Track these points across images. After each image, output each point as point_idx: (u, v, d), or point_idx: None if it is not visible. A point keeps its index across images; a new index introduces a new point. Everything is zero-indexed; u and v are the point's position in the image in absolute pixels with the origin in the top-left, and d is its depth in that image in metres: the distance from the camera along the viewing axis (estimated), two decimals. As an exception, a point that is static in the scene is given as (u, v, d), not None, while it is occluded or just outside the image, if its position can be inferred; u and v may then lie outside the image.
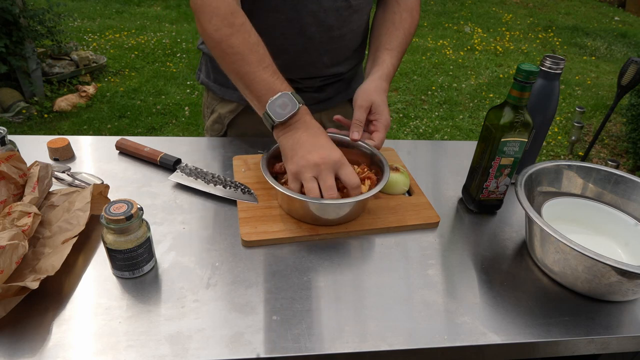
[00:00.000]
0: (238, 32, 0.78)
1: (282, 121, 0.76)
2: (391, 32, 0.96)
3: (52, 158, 0.91)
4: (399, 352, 0.60)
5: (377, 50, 0.95)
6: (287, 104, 0.76)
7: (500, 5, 6.71)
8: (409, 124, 3.41)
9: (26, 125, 3.02)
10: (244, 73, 0.78)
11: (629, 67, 1.48)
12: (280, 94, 0.76)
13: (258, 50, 0.79)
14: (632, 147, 3.04)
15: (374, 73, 0.91)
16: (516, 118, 0.74)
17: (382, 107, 0.87)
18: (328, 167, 0.73)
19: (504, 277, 0.72)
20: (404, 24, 0.97)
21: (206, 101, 1.12)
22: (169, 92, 3.59)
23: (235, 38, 0.78)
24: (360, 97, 0.87)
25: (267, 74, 0.78)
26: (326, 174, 0.73)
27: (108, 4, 5.54)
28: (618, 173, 0.81)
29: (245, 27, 0.79)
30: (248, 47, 0.78)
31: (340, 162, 0.74)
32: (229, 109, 1.06)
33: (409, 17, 0.98)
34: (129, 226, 0.62)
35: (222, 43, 0.78)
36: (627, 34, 5.79)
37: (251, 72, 0.78)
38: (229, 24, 0.78)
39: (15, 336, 0.57)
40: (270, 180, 0.75)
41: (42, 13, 3.20)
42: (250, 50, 0.78)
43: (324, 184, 0.73)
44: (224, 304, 0.63)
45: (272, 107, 0.76)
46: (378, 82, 0.89)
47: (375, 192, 0.76)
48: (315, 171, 0.73)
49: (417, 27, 1.01)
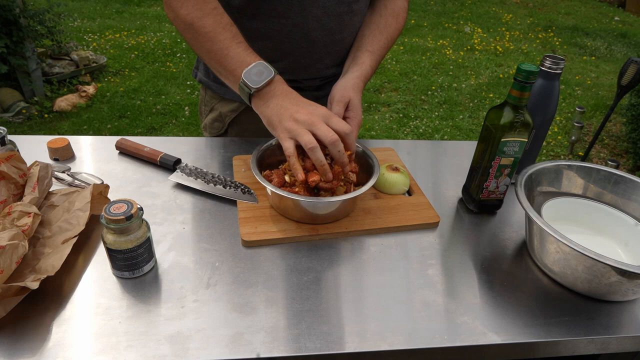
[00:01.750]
0: (209, 14, 0.80)
1: (259, 87, 0.76)
2: (375, 35, 0.97)
3: (52, 158, 0.91)
4: (399, 352, 0.60)
5: (358, 50, 0.96)
6: (262, 72, 0.77)
7: (500, 5, 6.71)
8: (409, 124, 3.41)
9: (26, 125, 3.02)
10: (216, 50, 0.79)
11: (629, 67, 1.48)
12: (255, 63, 0.78)
13: (230, 29, 0.80)
14: (632, 147, 3.04)
15: (353, 72, 0.92)
16: (516, 118, 0.74)
17: (357, 106, 0.87)
18: (319, 119, 0.74)
19: (504, 277, 0.72)
20: (388, 29, 0.98)
21: (204, 99, 1.12)
22: (169, 92, 3.59)
23: (207, 19, 0.79)
24: (338, 93, 0.87)
25: (240, 49, 0.79)
26: (319, 124, 0.74)
27: (108, 4, 5.54)
28: (618, 173, 0.81)
29: (218, 11, 0.81)
30: (220, 26, 0.80)
31: (328, 114, 0.76)
32: (230, 108, 1.06)
33: (394, 22, 0.99)
34: (129, 226, 0.62)
35: (194, 24, 0.80)
36: (627, 34, 5.79)
37: (224, 48, 0.79)
38: (200, 8, 0.79)
39: (15, 336, 0.57)
40: (260, 178, 0.75)
41: (42, 13, 3.20)
42: (222, 29, 0.79)
43: (320, 132, 0.73)
44: (224, 304, 0.63)
45: (247, 75, 0.77)
46: (356, 80, 0.90)
47: (366, 190, 0.76)
48: (308, 125, 0.74)
49: (400, 33, 1.03)
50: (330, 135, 0.72)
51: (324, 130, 0.73)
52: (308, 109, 0.75)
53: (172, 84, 3.73)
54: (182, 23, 0.81)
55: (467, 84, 4.10)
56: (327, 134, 0.72)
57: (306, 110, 0.75)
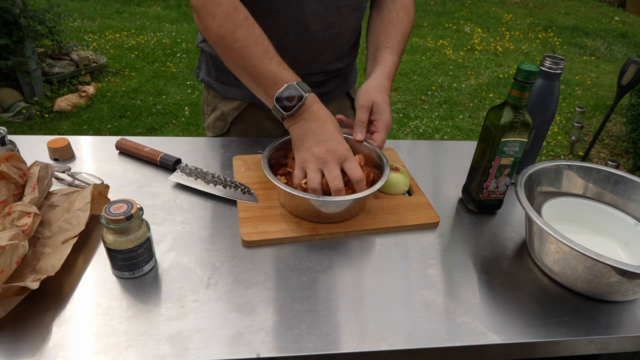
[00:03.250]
0: (242, 26, 0.79)
1: (291, 113, 0.77)
2: (389, 31, 0.96)
3: (52, 158, 0.91)
4: (399, 352, 0.60)
5: (376, 50, 0.96)
6: (293, 96, 0.77)
7: (500, 5, 6.71)
8: (409, 124, 3.41)
9: (26, 125, 3.02)
10: (249, 67, 0.79)
11: (629, 67, 1.48)
12: (286, 86, 0.77)
13: (263, 43, 0.79)
14: (632, 147, 3.04)
15: (376, 71, 0.91)
16: (516, 118, 0.74)
17: (383, 107, 0.87)
18: (334, 160, 0.75)
19: (504, 277, 0.72)
20: (401, 22, 0.97)
21: (206, 99, 1.12)
22: (169, 92, 3.59)
23: (239, 32, 0.78)
24: (361, 97, 0.87)
25: (272, 66, 0.79)
26: (332, 166, 0.74)
27: (108, 4, 5.54)
28: (618, 173, 0.81)
29: (249, 22, 0.80)
30: (253, 40, 0.79)
31: (346, 155, 0.76)
32: (232, 106, 1.06)
33: (405, 15, 0.98)
34: (129, 226, 0.62)
35: (227, 38, 0.79)
36: (627, 34, 5.79)
37: (257, 65, 0.79)
38: (232, 20, 0.79)
39: (15, 336, 0.57)
40: (271, 177, 0.76)
41: (42, 13, 3.20)
42: (255, 43, 0.79)
43: (329, 175, 0.74)
44: (224, 304, 0.63)
45: (279, 100, 0.77)
46: (380, 79, 0.89)
47: (375, 190, 0.76)
48: (320, 163, 0.75)
49: (413, 25, 1.02)
50: (335, 183, 0.74)
51: (333, 174, 0.74)
52: (329, 145, 0.75)
53: (172, 84, 3.73)
54: (214, 36, 0.81)
55: (467, 84, 4.10)
56: (333, 180, 0.74)
57: (326, 146, 0.75)
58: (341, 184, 0.74)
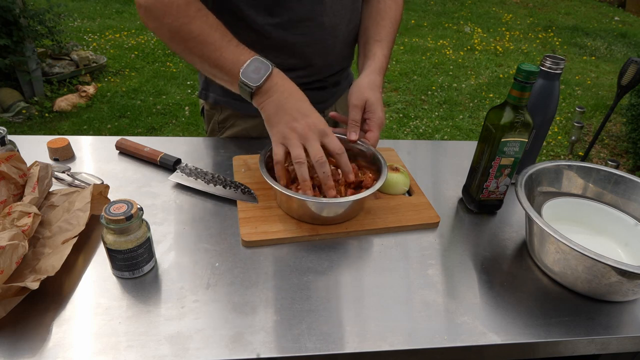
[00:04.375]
0: (195, 17, 0.77)
1: (259, 85, 0.75)
2: (378, 22, 0.96)
3: (52, 158, 0.91)
4: (399, 352, 0.60)
5: (366, 43, 0.95)
6: (259, 68, 0.76)
7: (500, 5, 6.71)
8: (409, 124, 3.41)
9: (26, 125, 3.02)
10: (209, 53, 0.78)
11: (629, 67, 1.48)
12: (250, 60, 0.76)
13: (218, 28, 0.78)
14: (632, 147, 3.04)
15: (367, 67, 0.91)
16: (516, 118, 0.74)
17: (376, 105, 0.86)
18: (314, 135, 0.74)
19: (504, 277, 0.72)
20: (389, 13, 0.97)
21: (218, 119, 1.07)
22: (169, 92, 3.59)
23: (193, 24, 0.77)
24: (354, 96, 0.86)
25: (231, 47, 0.78)
26: (313, 141, 0.74)
27: (108, 4, 5.54)
28: (618, 173, 0.81)
29: (202, 12, 0.78)
30: (207, 26, 0.78)
31: (325, 130, 0.75)
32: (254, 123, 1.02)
33: (393, 4, 0.98)
34: (129, 226, 0.62)
35: (181, 31, 0.78)
36: (627, 34, 5.79)
37: (216, 50, 0.77)
38: (185, 14, 0.77)
39: (15, 336, 0.57)
40: (268, 179, 0.75)
41: (42, 13, 3.20)
42: (211, 29, 0.78)
43: (311, 149, 0.73)
44: (224, 304, 0.63)
45: (245, 74, 0.76)
46: (371, 76, 0.89)
47: (374, 191, 0.76)
48: (301, 138, 0.74)
49: (402, 13, 1.01)
50: (319, 155, 0.73)
51: (315, 147, 0.73)
52: (308, 120, 0.75)
53: (172, 84, 3.73)
54: (167, 31, 0.79)
55: (467, 84, 4.10)
56: (316, 152, 0.73)
57: (305, 121, 0.74)
58: (324, 158, 0.73)
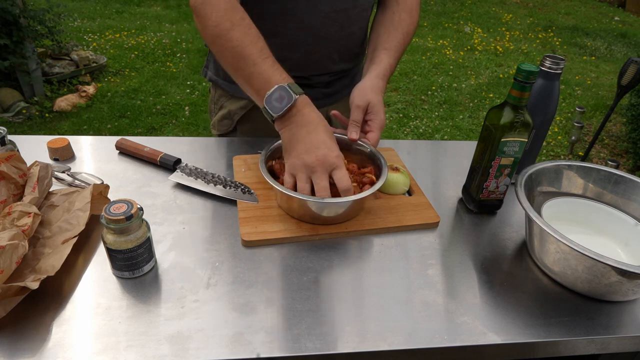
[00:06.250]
0: (238, 26, 0.79)
1: (280, 115, 0.76)
2: (390, 32, 0.97)
3: (52, 158, 0.91)
4: (399, 352, 0.60)
5: (375, 50, 0.96)
6: (283, 97, 0.76)
7: (500, 5, 6.71)
8: (409, 124, 3.41)
9: (26, 125, 3.02)
10: (243, 67, 0.79)
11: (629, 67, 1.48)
12: (276, 87, 0.76)
13: (257, 43, 0.79)
14: (632, 147, 3.04)
15: (371, 72, 0.91)
16: (516, 118, 0.74)
17: (378, 107, 0.87)
18: (322, 169, 0.74)
19: (504, 277, 0.72)
20: (402, 24, 0.97)
21: (213, 97, 1.12)
22: (169, 92, 3.59)
23: (234, 32, 0.78)
24: (357, 97, 0.87)
25: (265, 66, 0.78)
26: (320, 175, 0.74)
27: (108, 4, 5.54)
28: (618, 173, 0.81)
29: (245, 22, 0.80)
30: (248, 40, 0.79)
31: (335, 163, 0.74)
32: (239, 105, 1.06)
33: (407, 17, 0.98)
34: (129, 226, 0.62)
35: (221, 37, 0.79)
36: (627, 34, 5.79)
37: (250, 65, 0.78)
38: (228, 19, 0.78)
39: (15, 336, 0.57)
40: (269, 178, 0.76)
41: (42, 13, 3.20)
42: (249, 43, 0.78)
43: (317, 185, 0.74)
44: (224, 304, 0.63)
45: (269, 101, 0.77)
46: (375, 80, 0.89)
47: (374, 191, 0.76)
48: (309, 171, 0.74)
49: (416, 27, 1.02)
50: (323, 193, 0.73)
51: (320, 186, 0.74)
52: (319, 152, 0.74)
53: (172, 84, 3.72)
54: (209, 35, 0.81)
55: (467, 84, 4.10)
56: (320, 190, 0.73)
57: (316, 154, 0.74)
58: (328, 195, 0.73)
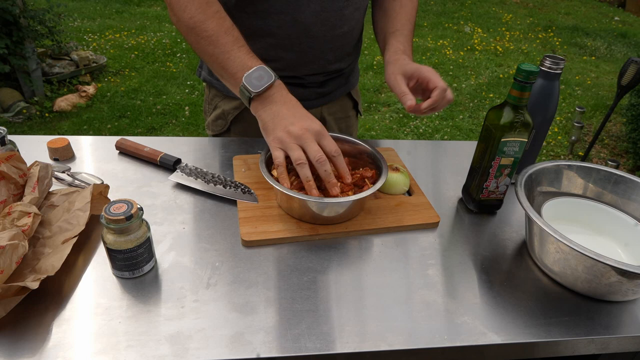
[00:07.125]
0: (212, 17, 0.80)
1: (259, 92, 0.77)
2: (393, 17, 0.98)
3: (52, 158, 0.91)
4: (399, 352, 0.60)
5: (384, 39, 0.97)
6: (262, 76, 0.78)
7: (500, 5, 6.71)
8: (409, 124, 3.41)
9: (26, 125, 3.02)
10: (218, 53, 0.80)
11: (629, 67, 1.48)
12: (256, 67, 0.78)
13: (232, 33, 0.81)
14: (632, 147, 3.04)
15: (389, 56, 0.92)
16: (516, 118, 0.74)
17: (414, 66, 0.86)
18: (310, 136, 0.75)
19: (504, 277, 0.72)
20: (405, 9, 0.99)
21: (208, 97, 1.13)
22: (169, 92, 3.59)
23: (209, 23, 0.80)
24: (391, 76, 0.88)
25: (241, 53, 0.80)
26: (310, 142, 0.74)
27: (108, 4, 5.54)
28: (618, 173, 0.81)
29: (220, 14, 0.81)
30: (222, 29, 0.80)
31: (322, 132, 0.76)
32: (233, 105, 1.06)
33: (408, 2, 1.00)
34: (129, 226, 0.62)
35: (196, 28, 0.80)
36: (627, 34, 5.79)
37: (226, 52, 0.79)
38: (203, 12, 0.80)
39: (15, 336, 0.57)
40: (269, 178, 0.75)
41: (42, 13, 3.20)
42: (224, 33, 0.80)
43: (310, 150, 0.74)
44: (224, 304, 0.63)
45: (248, 79, 0.77)
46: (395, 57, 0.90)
47: (374, 191, 0.76)
48: (299, 140, 0.75)
49: (417, 11, 1.03)
50: (319, 155, 0.73)
51: (313, 148, 0.74)
52: (303, 123, 0.75)
53: (172, 84, 3.73)
54: (184, 26, 0.82)
55: (467, 84, 4.10)
56: (315, 153, 0.73)
57: (300, 124, 0.75)
58: (324, 157, 0.74)
